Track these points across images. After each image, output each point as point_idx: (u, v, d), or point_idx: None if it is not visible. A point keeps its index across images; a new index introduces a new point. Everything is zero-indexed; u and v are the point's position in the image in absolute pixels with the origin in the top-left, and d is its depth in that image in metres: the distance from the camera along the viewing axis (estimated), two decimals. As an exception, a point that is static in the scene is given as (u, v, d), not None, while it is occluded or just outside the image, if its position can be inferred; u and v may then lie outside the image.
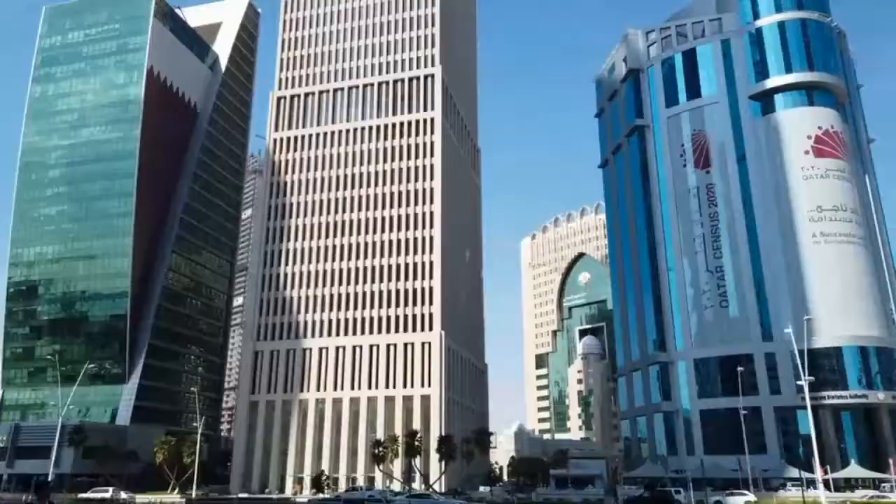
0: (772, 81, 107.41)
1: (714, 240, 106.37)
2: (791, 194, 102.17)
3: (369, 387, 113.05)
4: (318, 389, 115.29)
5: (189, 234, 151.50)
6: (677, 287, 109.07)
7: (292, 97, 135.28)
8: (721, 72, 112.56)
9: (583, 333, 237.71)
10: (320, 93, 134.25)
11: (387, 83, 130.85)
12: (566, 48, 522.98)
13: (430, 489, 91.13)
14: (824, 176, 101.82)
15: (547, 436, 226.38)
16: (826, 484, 78.82)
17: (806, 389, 75.59)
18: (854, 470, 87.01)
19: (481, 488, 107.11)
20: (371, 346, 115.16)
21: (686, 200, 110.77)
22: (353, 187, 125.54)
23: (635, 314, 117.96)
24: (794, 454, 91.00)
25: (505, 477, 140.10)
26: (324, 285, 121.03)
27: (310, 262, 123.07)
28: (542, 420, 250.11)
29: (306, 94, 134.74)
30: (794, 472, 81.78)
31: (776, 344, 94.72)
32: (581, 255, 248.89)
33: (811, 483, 75.60)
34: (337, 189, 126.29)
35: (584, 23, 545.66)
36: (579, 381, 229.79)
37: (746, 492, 70.45)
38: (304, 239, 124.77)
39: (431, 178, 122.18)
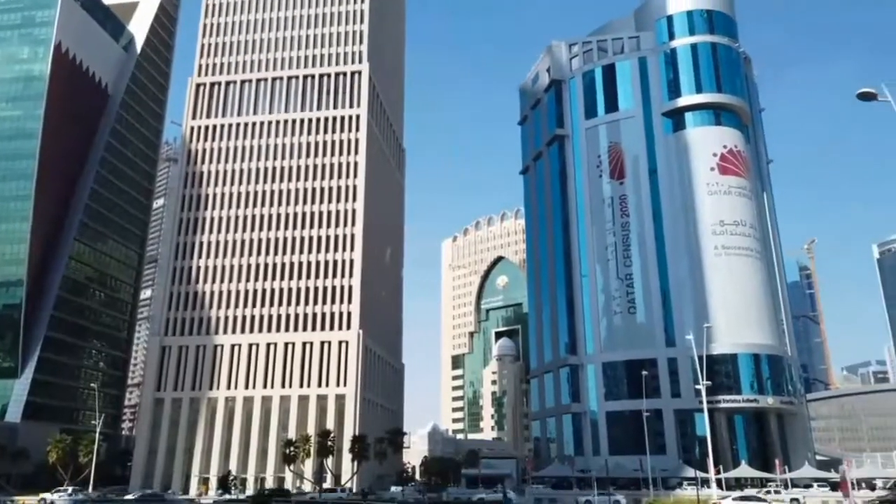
0: (683, 100, 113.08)
1: (625, 248, 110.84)
2: (697, 208, 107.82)
3: (283, 385, 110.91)
4: (229, 387, 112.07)
5: (94, 221, 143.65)
6: (590, 293, 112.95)
7: (212, 85, 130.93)
8: (637, 88, 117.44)
9: (499, 335, 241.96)
10: (242, 82, 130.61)
11: (312, 77, 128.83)
12: (493, 56, 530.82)
13: (341, 489, 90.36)
14: (727, 192, 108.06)
15: (460, 436, 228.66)
16: (718, 483, 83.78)
17: (703, 393, 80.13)
18: (744, 470, 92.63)
19: (393, 488, 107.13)
20: (287, 344, 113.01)
21: (601, 209, 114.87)
22: (273, 181, 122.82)
23: (549, 318, 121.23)
24: (691, 454, 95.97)
25: (417, 476, 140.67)
26: (239, 280, 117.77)
27: (225, 256, 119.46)
28: (456, 420, 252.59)
29: (227, 83, 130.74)
30: (690, 472, 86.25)
31: (678, 350, 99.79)
32: (500, 258, 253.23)
33: (705, 482, 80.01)
34: (256, 182, 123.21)
35: (510, 32, 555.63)
36: (493, 383, 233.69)
37: (618, 493, 72.73)
38: (219, 232, 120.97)
39: (355, 176, 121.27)
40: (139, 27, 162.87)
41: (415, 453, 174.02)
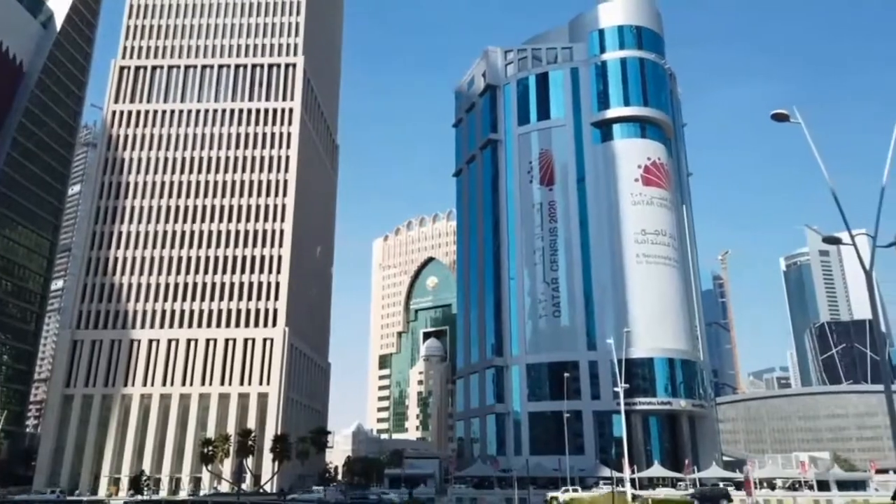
0: (612, 112, 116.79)
1: (552, 253, 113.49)
2: (621, 216, 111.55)
3: (203, 383, 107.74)
4: (145, 384, 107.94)
5: (3, 206, 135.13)
6: (517, 296, 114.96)
7: (137, 69, 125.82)
8: (569, 97, 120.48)
9: (427, 336, 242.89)
10: (170, 68, 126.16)
11: (244, 67, 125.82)
12: (429, 57, 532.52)
13: (260, 489, 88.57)
14: (649, 203, 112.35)
15: (385, 436, 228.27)
16: (632, 482, 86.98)
17: (621, 395, 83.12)
18: (657, 470, 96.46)
19: (314, 488, 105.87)
20: (208, 341, 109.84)
21: (530, 214, 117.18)
22: (199, 172, 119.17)
23: (477, 319, 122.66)
24: (607, 455, 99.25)
25: (340, 476, 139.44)
26: (159, 273, 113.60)
27: (145, 247, 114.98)
28: (381, 420, 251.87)
29: (154, 67, 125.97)
30: (606, 472, 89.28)
31: (599, 353, 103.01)
32: (430, 259, 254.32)
33: (620, 481, 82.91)
34: (182, 172, 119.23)
35: (448, 35, 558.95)
36: (420, 383, 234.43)
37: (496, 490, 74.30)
38: (140, 222, 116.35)
39: (286, 170, 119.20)
40: (60, 3, 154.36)
41: (338, 453, 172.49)
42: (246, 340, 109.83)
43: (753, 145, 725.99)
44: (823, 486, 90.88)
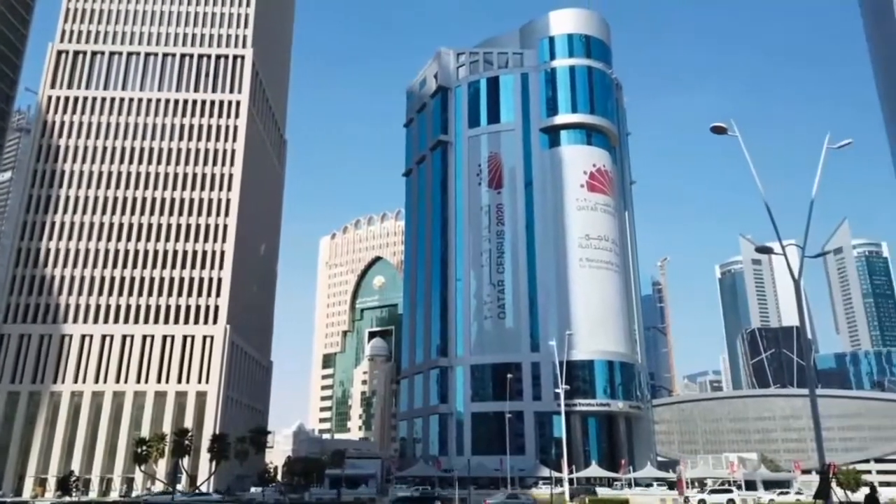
0: (560, 118, 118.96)
1: (499, 256, 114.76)
2: (566, 221, 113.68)
3: (138, 380, 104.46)
4: (76, 381, 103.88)
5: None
6: (463, 297, 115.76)
7: (77, 53, 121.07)
8: (518, 102, 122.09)
9: (372, 335, 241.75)
10: (111, 54, 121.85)
11: (190, 56, 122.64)
12: (383, 56, 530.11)
13: (196, 490, 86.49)
14: (594, 208, 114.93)
15: (327, 436, 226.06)
16: (570, 482, 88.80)
17: (562, 397, 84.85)
18: (594, 469, 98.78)
19: (253, 489, 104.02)
20: (145, 337, 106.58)
21: (478, 217, 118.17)
22: (140, 163, 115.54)
23: (423, 320, 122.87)
24: (547, 455, 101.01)
25: (279, 477, 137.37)
26: (95, 266, 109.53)
27: (80, 239, 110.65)
28: (323, 420, 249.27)
29: (94, 53, 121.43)
30: (546, 472, 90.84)
31: (542, 355, 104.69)
32: (378, 258, 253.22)
33: (559, 481, 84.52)
34: (121, 162, 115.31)
35: (402, 35, 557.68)
36: (364, 383, 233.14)
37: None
38: (75, 213, 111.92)
39: (231, 164, 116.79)
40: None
41: (279, 453, 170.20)
42: (185, 338, 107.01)
43: (695, 155, 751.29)
44: (751, 485, 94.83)
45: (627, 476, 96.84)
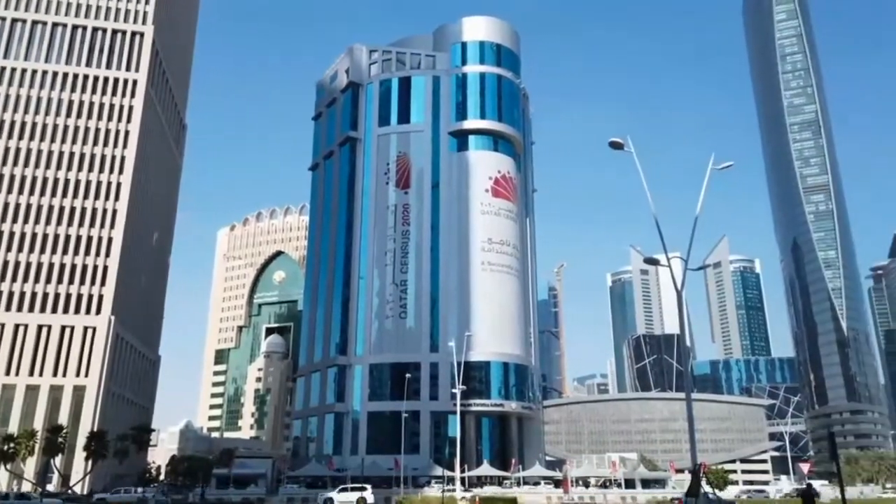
0: (468, 123, 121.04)
1: (403, 255, 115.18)
2: (470, 224, 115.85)
3: (7, 373, 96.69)
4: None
5: None
6: (366, 295, 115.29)
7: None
8: (429, 104, 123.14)
9: (270, 331, 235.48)
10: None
11: (84, 28, 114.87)
12: (293, 47, 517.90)
13: (70, 491, 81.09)
14: (497, 213, 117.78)
15: (217, 434, 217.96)
16: (462, 481, 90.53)
17: (458, 397, 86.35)
18: (485, 469, 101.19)
19: (133, 489, 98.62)
20: (17, 326, 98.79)
21: (385, 216, 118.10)
22: (21, 138, 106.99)
23: (324, 317, 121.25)
24: (441, 454, 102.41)
25: (163, 477, 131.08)
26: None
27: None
28: (213, 418, 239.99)
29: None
30: (439, 471, 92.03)
31: (441, 355, 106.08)
32: (279, 252, 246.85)
33: (451, 480, 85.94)
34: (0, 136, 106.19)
35: (313, 27, 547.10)
36: (258, 380, 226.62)
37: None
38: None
39: (125, 146, 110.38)
40: None
41: (164, 452, 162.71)
42: (63, 328, 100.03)
43: (594, 166, 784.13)
44: (630, 483, 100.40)
45: (517, 475, 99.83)
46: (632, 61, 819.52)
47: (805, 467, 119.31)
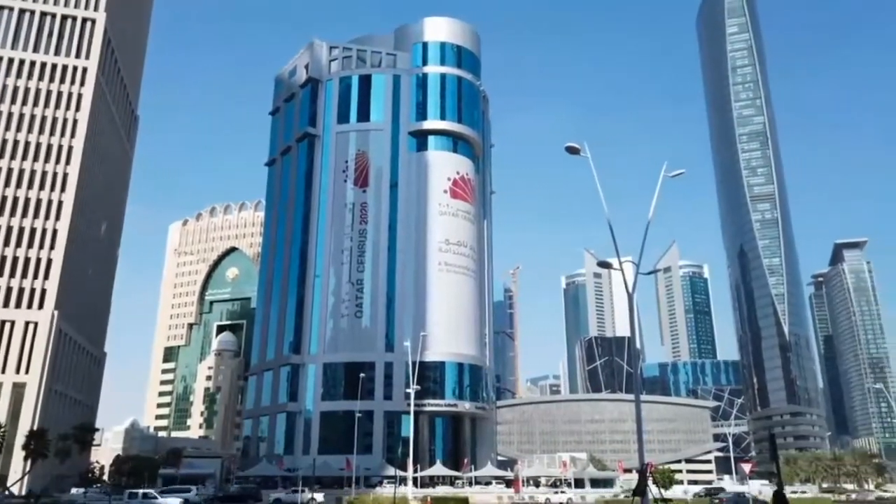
0: (428, 123, 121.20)
1: (360, 254, 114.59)
2: (428, 225, 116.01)
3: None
4: None
5: None
6: (321, 294, 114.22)
7: None
8: (389, 103, 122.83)
9: (221, 329, 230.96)
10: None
11: (31, 13, 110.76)
12: (251, 40, 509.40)
13: (7, 492, 78.05)
14: (455, 214, 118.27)
15: (164, 434, 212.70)
16: (414, 481, 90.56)
17: (412, 397, 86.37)
18: (438, 468, 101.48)
19: (74, 490, 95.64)
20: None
21: (342, 214, 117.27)
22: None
23: (277, 315, 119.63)
24: (394, 454, 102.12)
25: (106, 477, 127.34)
26: None
27: None
28: (161, 417, 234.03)
29: None
30: (391, 471, 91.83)
31: (396, 355, 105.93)
32: (233, 249, 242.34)
33: (403, 480, 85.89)
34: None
35: (272, 20, 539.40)
36: (209, 378, 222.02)
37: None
38: None
39: (73, 135, 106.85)
40: None
41: (108, 452, 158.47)
42: (4, 322, 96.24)
43: (551, 169, 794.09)
44: (580, 483, 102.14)
45: (469, 475, 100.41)
46: (589, 67, 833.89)
47: (747, 467, 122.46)
